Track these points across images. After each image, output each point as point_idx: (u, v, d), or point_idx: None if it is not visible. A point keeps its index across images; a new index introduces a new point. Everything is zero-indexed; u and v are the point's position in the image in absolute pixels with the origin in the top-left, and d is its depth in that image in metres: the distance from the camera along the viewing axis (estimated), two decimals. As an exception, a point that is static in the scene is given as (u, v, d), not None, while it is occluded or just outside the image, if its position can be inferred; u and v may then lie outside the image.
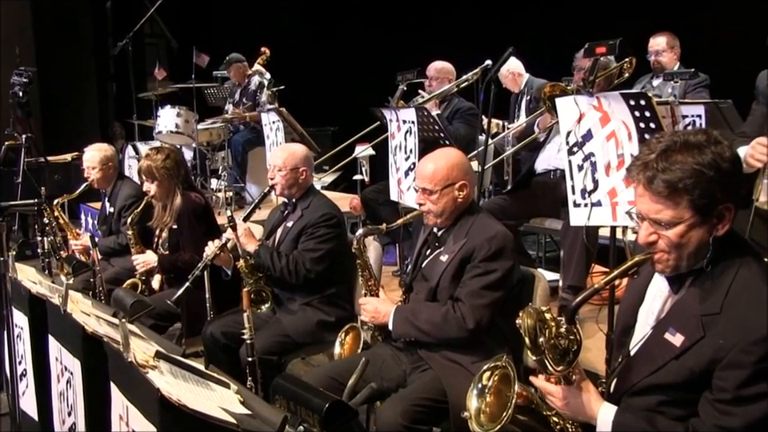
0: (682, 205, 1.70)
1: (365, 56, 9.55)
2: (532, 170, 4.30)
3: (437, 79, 5.07)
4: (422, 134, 4.13)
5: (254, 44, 8.06)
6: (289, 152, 3.64)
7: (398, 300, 2.96)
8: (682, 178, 1.68)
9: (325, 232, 3.45)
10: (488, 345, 2.66)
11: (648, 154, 1.74)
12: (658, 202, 1.72)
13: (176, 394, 1.86)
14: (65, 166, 8.88)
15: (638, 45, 4.82)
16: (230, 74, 7.51)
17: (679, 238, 1.72)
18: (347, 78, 9.68)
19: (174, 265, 3.97)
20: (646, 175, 1.73)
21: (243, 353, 3.12)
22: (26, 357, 3.50)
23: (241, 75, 7.41)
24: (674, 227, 1.72)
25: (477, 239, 2.71)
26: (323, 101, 9.65)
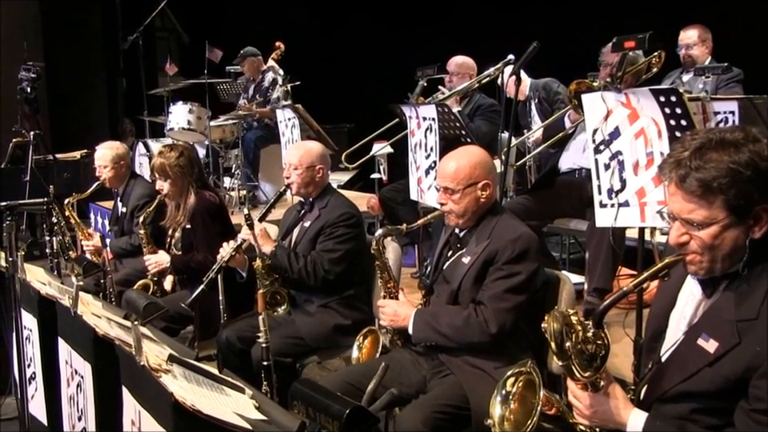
0: (716, 205, 1.69)
1: (383, 51, 9.55)
2: (555, 169, 4.29)
3: (458, 75, 5.06)
4: (442, 131, 4.13)
5: (267, 38, 8.09)
6: (305, 150, 3.65)
7: (418, 303, 2.96)
8: (716, 177, 1.67)
9: (344, 232, 3.47)
10: (511, 350, 2.67)
11: (681, 151, 1.73)
12: (690, 201, 1.71)
13: (190, 399, 1.88)
14: (74, 163, 8.93)
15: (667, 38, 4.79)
16: (244, 68, 7.54)
17: (712, 240, 1.71)
18: (364, 73, 9.70)
19: (187, 265, 3.99)
20: (678, 173, 1.72)
21: (256, 355, 3.14)
22: (35, 360, 3.53)
23: (255, 70, 7.44)
24: (707, 228, 1.71)
25: (500, 241, 2.71)
26: (339, 97, 9.66)
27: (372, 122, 6.57)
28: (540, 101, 5.44)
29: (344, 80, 9.94)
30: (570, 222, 4.32)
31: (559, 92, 5.13)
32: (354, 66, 9.96)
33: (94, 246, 4.78)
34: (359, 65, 9.85)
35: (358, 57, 9.91)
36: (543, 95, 5.38)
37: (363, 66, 9.80)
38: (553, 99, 5.29)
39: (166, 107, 7.82)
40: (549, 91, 5.34)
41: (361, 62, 9.85)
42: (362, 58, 9.84)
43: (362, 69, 9.78)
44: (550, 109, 5.06)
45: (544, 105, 5.39)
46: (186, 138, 6.88)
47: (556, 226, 4.42)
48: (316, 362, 3.56)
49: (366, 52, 9.79)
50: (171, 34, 11.83)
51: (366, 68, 9.71)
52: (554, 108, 5.19)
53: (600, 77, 4.04)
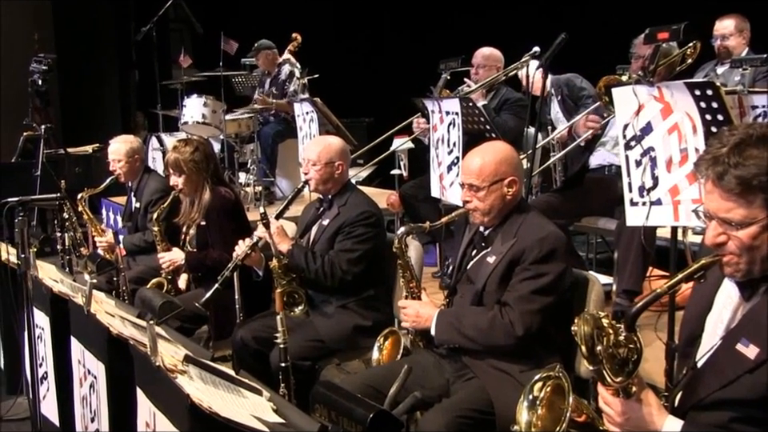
0: (756, 204, 1.67)
1: (404, 42, 9.54)
2: (585, 166, 4.27)
3: (483, 67, 5.03)
4: (466, 126, 4.12)
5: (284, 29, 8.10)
6: (324, 145, 3.65)
7: (441, 303, 2.96)
8: (756, 174, 1.65)
9: (363, 231, 3.46)
10: (538, 353, 2.66)
11: (719, 147, 1.71)
12: (728, 199, 1.69)
13: (207, 401, 1.89)
14: (85, 157, 9.02)
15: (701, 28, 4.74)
16: (259, 61, 7.54)
17: (751, 240, 1.70)
18: (384, 65, 9.68)
19: (202, 264, 4.01)
20: (715, 170, 1.70)
21: (274, 357, 3.16)
22: (47, 359, 3.56)
23: (270, 63, 7.44)
24: (746, 228, 1.69)
25: (527, 240, 2.70)
26: (358, 90, 9.65)
27: (392, 116, 6.58)
28: (563, 98, 5.41)
29: (363, 72, 9.93)
30: (598, 221, 4.30)
31: (584, 87, 5.10)
32: (373, 58, 9.96)
33: (107, 242, 4.80)
34: (379, 57, 9.85)
35: (378, 48, 9.91)
36: (566, 92, 5.34)
37: (383, 58, 9.79)
38: (578, 96, 5.25)
39: (180, 100, 7.86)
40: (572, 87, 5.31)
41: (381, 54, 9.84)
42: (382, 50, 9.84)
43: (382, 61, 9.77)
44: (575, 106, 5.04)
45: (568, 102, 5.35)
46: (201, 132, 6.90)
47: (583, 224, 4.40)
48: (335, 363, 3.56)
49: (387, 43, 9.79)
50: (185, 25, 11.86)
51: (386, 60, 9.70)
52: (579, 105, 5.16)
53: (631, 70, 4.01)
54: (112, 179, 5.02)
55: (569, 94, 5.29)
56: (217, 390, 1.97)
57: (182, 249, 4.22)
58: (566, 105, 5.27)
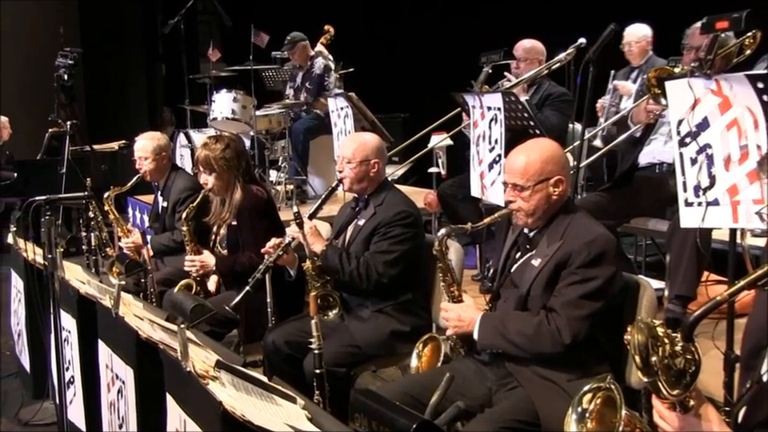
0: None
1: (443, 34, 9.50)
2: (634, 164, 4.22)
3: (526, 60, 5.00)
4: (508, 122, 4.09)
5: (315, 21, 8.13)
6: (359, 142, 3.65)
7: (484, 308, 2.94)
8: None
9: (400, 232, 3.45)
10: (586, 361, 2.63)
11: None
12: (797, 201, 1.66)
13: (239, 408, 1.89)
14: (111, 155, 9.12)
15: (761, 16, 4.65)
16: (294, 55, 7.52)
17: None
18: (421, 58, 9.66)
19: (233, 267, 4.02)
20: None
21: (308, 363, 3.17)
22: (73, 363, 3.61)
23: (304, 57, 7.46)
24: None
25: (574, 242, 2.68)
26: (392, 84, 9.65)
27: (429, 111, 6.57)
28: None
29: (398, 66, 9.91)
30: (649, 222, 4.24)
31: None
32: (410, 51, 9.93)
33: (133, 243, 4.83)
34: (416, 49, 9.82)
35: (415, 40, 9.88)
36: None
37: (420, 51, 9.77)
38: None
39: (209, 95, 7.91)
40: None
41: (418, 47, 9.81)
42: (419, 42, 9.80)
43: (419, 54, 9.74)
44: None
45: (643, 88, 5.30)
46: (230, 129, 6.94)
47: (632, 225, 4.35)
48: (371, 370, 3.56)
49: (424, 35, 9.74)
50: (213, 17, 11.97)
51: (423, 53, 9.67)
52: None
53: (684, 62, 3.96)
54: (138, 177, 5.04)
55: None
56: (249, 397, 1.98)
57: (211, 249, 4.24)
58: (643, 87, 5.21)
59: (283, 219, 4.29)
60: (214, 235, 4.26)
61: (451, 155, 6.63)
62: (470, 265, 5.26)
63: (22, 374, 4.82)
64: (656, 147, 4.15)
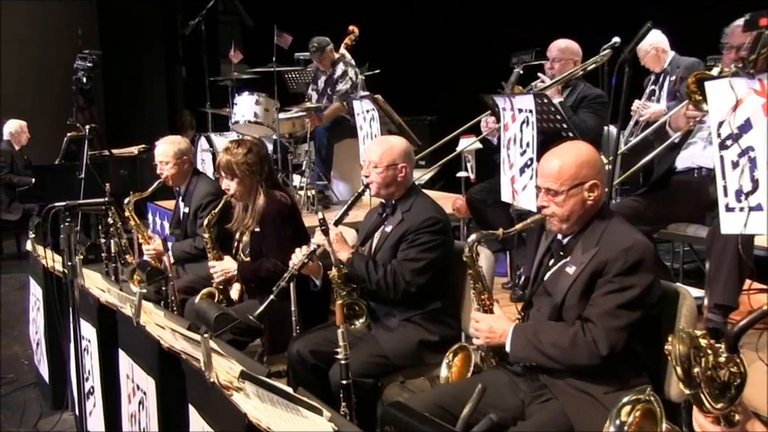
0: None
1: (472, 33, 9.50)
2: (671, 168, 4.18)
3: (560, 61, 4.96)
4: (541, 124, 4.08)
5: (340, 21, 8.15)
6: (386, 146, 3.65)
7: (515, 318, 2.93)
8: None
9: (429, 239, 3.44)
10: (623, 373, 2.61)
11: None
12: None
13: (264, 421, 1.90)
14: (131, 159, 9.22)
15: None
16: (321, 62, 7.46)
17: None
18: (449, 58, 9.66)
19: (256, 275, 4.03)
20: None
21: (335, 374, 3.16)
22: (93, 373, 3.64)
23: (329, 62, 7.44)
24: None
25: (610, 249, 2.66)
26: (419, 86, 9.67)
27: (457, 114, 6.56)
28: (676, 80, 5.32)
29: (425, 66, 9.92)
30: (687, 228, 4.21)
31: None
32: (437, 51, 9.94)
33: (154, 250, 4.86)
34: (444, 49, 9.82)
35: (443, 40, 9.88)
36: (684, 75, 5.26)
37: (448, 51, 9.77)
38: None
39: (231, 98, 7.97)
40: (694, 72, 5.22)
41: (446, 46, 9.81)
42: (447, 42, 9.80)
43: (446, 54, 9.74)
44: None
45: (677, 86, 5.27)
46: (253, 132, 6.98)
47: (669, 231, 4.31)
48: (399, 381, 3.56)
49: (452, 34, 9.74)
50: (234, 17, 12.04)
51: (451, 53, 9.67)
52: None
53: (723, 62, 3.92)
54: (159, 183, 5.06)
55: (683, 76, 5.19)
56: (275, 409, 1.98)
57: (234, 257, 4.25)
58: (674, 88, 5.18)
59: (307, 225, 4.30)
60: (236, 242, 4.28)
61: (480, 159, 6.64)
62: (501, 272, 5.25)
63: (40, 384, 4.87)
64: (694, 152, 4.12)
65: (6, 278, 8.16)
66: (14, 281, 7.92)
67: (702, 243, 3.97)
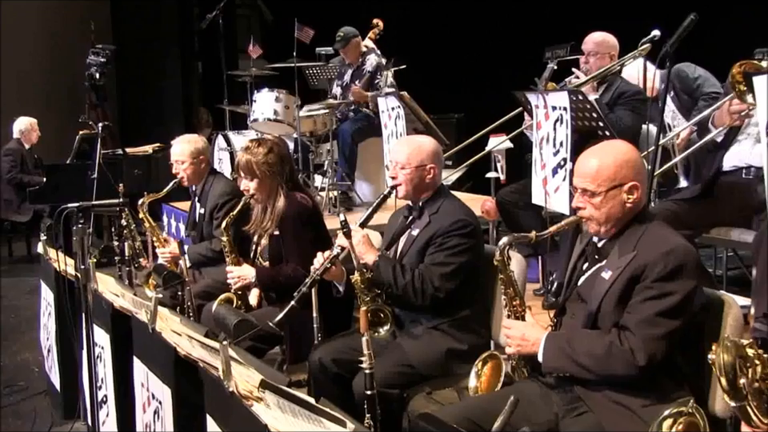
0: None
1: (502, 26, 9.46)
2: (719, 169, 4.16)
3: (596, 55, 4.94)
4: (575, 123, 4.07)
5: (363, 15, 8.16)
6: (414, 145, 3.65)
7: (548, 325, 2.93)
8: None
9: (458, 242, 3.44)
10: (663, 384, 2.60)
11: None
12: None
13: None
14: (145, 158, 9.27)
15: None
16: (347, 54, 7.48)
17: None
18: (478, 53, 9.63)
19: (275, 281, 4.05)
20: None
21: (358, 384, 3.17)
22: (106, 381, 3.67)
23: (357, 54, 7.42)
24: None
25: (649, 253, 2.65)
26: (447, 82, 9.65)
27: (486, 111, 6.55)
28: (676, 93, 5.29)
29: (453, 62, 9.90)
30: (732, 232, 4.18)
31: (698, 76, 5.00)
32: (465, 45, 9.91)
33: (170, 253, 4.89)
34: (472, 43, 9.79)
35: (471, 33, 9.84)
36: (678, 85, 5.23)
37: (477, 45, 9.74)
38: (692, 87, 5.14)
39: (249, 95, 8.00)
40: (684, 79, 5.21)
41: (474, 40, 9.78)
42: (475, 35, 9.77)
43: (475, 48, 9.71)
44: (691, 100, 4.92)
45: (682, 97, 5.23)
46: (272, 131, 7.01)
47: (712, 236, 4.29)
48: (425, 392, 3.56)
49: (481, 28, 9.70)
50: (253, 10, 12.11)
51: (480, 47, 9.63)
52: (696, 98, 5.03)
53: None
54: (174, 183, 5.08)
55: (682, 87, 5.17)
56: (296, 420, 1.99)
57: (252, 261, 4.27)
58: (681, 100, 5.15)
59: (329, 228, 4.31)
60: (255, 245, 4.30)
61: (511, 159, 6.61)
62: (532, 278, 5.23)
63: (51, 392, 4.91)
64: (742, 149, 4.09)
65: (17, 282, 8.26)
66: (24, 284, 8.00)
67: (748, 248, 3.94)
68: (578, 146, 3.76)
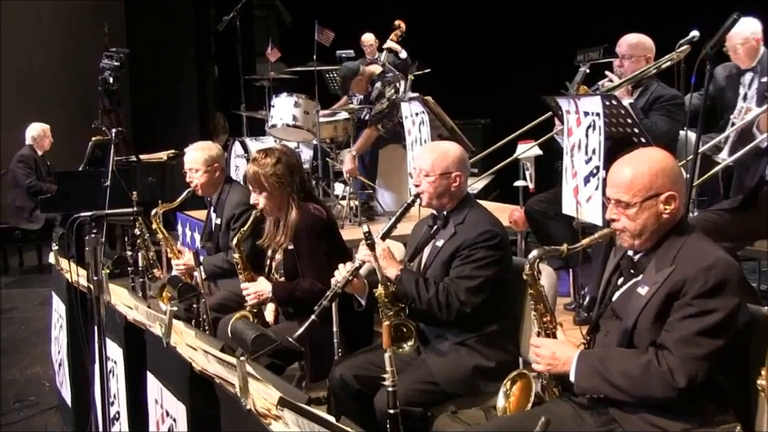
0: None
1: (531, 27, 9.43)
2: (763, 177, 4.11)
3: (630, 58, 4.90)
4: (609, 129, 4.05)
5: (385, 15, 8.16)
6: (439, 152, 3.64)
7: (580, 343, 2.90)
8: None
9: (485, 254, 3.42)
10: (705, 408, 2.56)
11: None
12: None
13: (305, 453, 1.90)
14: (159, 166, 9.30)
15: None
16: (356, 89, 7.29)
17: None
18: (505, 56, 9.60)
19: (292, 295, 4.03)
20: None
21: (381, 402, 3.16)
22: (119, 397, 3.67)
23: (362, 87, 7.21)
24: None
25: (689, 268, 2.61)
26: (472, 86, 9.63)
27: (513, 117, 6.53)
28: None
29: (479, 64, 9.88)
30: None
31: None
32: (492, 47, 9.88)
33: (185, 265, 4.88)
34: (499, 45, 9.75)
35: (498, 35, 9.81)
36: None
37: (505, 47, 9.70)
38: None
39: (267, 100, 8.01)
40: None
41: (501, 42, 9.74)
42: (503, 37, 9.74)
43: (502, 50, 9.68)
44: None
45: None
46: (291, 137, 7.02)
47: (756, 248, 4.26)
48: (450, 411, 3.54)
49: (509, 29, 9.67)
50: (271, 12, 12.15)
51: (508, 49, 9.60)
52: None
53: None
54: (189, 192, 5.07)
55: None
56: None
57: (268, 276, 4.25)
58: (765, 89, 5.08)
59: (350, 239, 4.29)
60: (269, 260, 4.27)
61: (540, 167, 6.58)
62: (563, 292, 5.20)
63: (62, 408, 4.93)
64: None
65: (27, 293, 8.31)
66: (35, 296, 8.06)
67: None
68: (612, 154, 3.73)
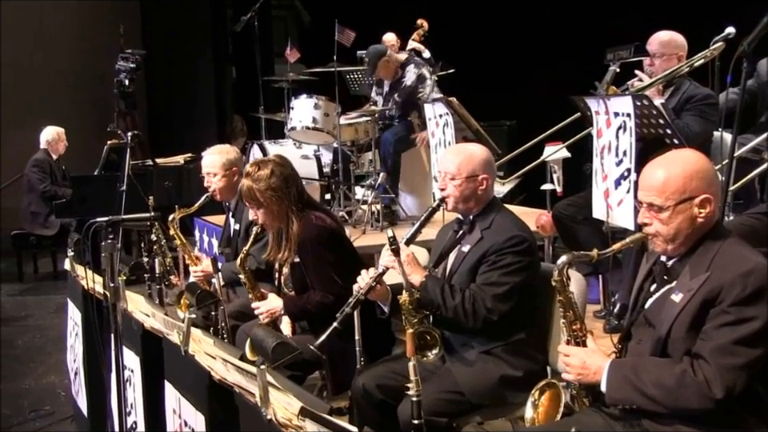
0: None
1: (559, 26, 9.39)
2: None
3: (662, 56, 4.87)
4: (640, 130, 4.03)
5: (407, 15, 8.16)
6: (465, 155, 3.63)
7: (612, 351, 2.88)
8: None
9: (512, 260, 3.41)
10: (744, 420, 2.55)
11: None
12: None
13: (328, 465, 1.89)
14: (176, 170, 9.33)
15: None
16: (381, 75, 7.42)
17: None
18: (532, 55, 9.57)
19: (305, 309, 4.02)
20: None
21: (404, 412, 3.16)
22: (136, 407, 3.68)
23: (391, 71, 7.36)
24: None
25: (725, 274, 2.59)
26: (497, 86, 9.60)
27: (540, 118, 6.50)
28: None
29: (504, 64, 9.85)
30: (816, 249, 4.09)
31: None
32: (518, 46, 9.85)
33: (203, 272, 4.88)
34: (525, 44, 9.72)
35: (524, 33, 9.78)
36: None
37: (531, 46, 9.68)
38: None
39: (286, 102, 8.02)
40: None
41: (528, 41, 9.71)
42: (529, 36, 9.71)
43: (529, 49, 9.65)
44: None
45: None
46: (311, 140, 7.03)
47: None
48: (475, 422, 3.53)
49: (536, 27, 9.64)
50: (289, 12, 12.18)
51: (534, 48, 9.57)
52: None
53: None
54: (206, 197, 5.09)
55: None
56: (338, 452, 1.99)
57: (278, 291, 4.24)
58: None
59: (372, 244, 4.28)
60: (277, 274, 4.27)
61: (568, 169, 6.55)
62: (593, 299, 5.17)
63: (78, 418, 4.96)
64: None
65: (42, 300, 8.36)
66: (50, 303, 8.11)
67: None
68: (643, 155, 3.70)
